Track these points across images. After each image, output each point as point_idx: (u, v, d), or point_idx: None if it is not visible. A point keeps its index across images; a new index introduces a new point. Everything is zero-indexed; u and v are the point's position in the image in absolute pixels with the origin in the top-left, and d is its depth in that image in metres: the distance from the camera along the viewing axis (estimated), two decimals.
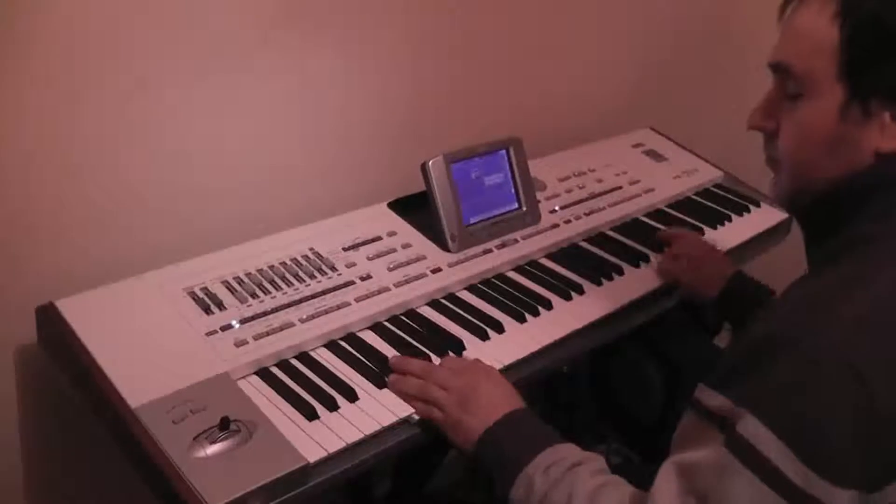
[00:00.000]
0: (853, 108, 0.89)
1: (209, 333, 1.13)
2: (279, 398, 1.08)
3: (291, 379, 1.12)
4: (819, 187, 0.95)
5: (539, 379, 1.27)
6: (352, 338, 1.22)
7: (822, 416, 0.77)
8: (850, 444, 0.77)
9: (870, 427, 0.77)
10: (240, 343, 1.13)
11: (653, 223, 1.67)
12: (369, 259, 1.34)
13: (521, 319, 1.30)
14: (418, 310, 1.30)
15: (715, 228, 1.69)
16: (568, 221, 1.58)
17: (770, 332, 0.83)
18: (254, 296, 1.21)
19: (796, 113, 0.94)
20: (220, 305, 1.18)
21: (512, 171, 1.51)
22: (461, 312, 1.30)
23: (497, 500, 1.01)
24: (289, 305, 1.21)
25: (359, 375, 1.14)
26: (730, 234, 1.68)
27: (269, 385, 1.10)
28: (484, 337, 1.25)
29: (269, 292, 1.22)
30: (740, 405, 0.81)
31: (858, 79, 0.89)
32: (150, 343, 1.10)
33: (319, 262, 1.30)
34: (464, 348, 1.22)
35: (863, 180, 0.91)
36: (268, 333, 1.16)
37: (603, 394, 1.76)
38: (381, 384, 1.13)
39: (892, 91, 0.88)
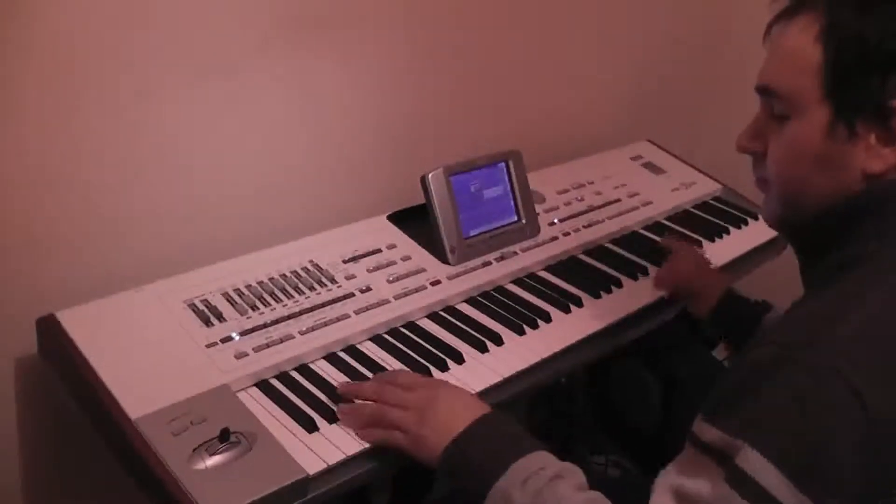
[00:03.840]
0: (838, 127, 0.90)
1: (209, 345, 1.14)
2: (279, 410, 1.08)
3: (291, 391, 1.12)
4: (809, 208, 0.96)
5: (538, 391, 1.27)
6: (351, 350, 1.22)
7: (820, 442, 0.77)
8: (850, 467, 0.77)
9: (869, 447, 0.77)
10: (240, 355, 1.13)
11: (651, 236, 1.67)
12: (369, 271, 1.34)
13: (521, 332, 1.31)
14: (418, 322, 1.31)
15: (713, 241, 1.70)
16: (567, 234, 1.58)
17: (766, 356, 0.83)
18: (254, 308, 1.21)
19: (784, 134, 0.95)
20: (220, 317, 1.18)
21: (511, 184, 1.52)
22: (460, 325, 1.31)
23: None
24: (289, 317, 1.21)
25: None
26: (728, 246, 1.69)
27: (269, 397, 1.10)
28: (483, 349, 1.25)
29: (269, 304, 1.23)
30: (737, 436, 0.80)
31: (842, 98, 0.90)
32: (151, 355, 1.10)
33: (319, 274, 1.30)
34: (463, 361, 1.22)
35: (856, 203, 0.92)
36: (268, 345, 1.16)
37: (601, 405, 1.76)
38: None
39: (876, 111, 0.89)
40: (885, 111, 0.88)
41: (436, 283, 1.36)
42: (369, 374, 1.16)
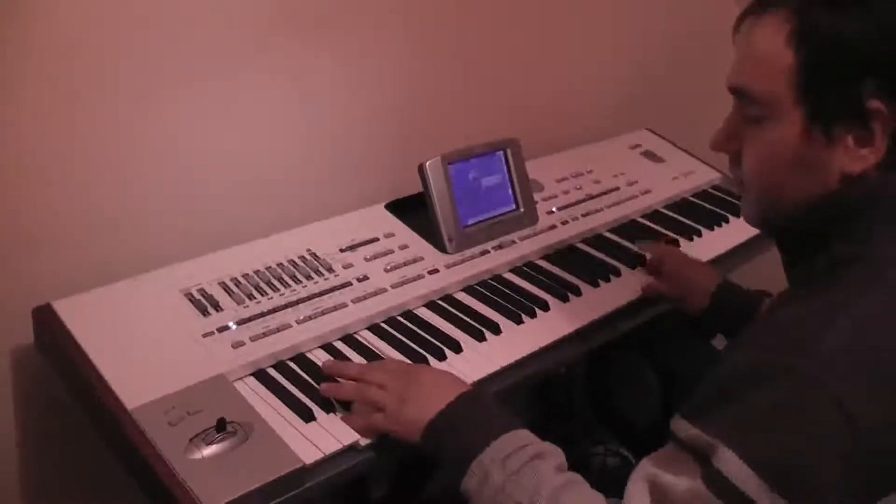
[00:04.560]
0: (815, 131, 0.88)
1: (206, 335, 1.13)
2: (276, 400, 1.08)
3: (288, 380, 1.12)
4: (788, 209, 0.94)
5: (536, 381, 1.27)
6: (349, 339, 1.22)
7: (801, 451, 0.77)
8: (834, 476, 0.76)
9: (856, 458, 0.76)
10: (236, 345, 1.13)
11: (650, 224, 1.67)
12: (366, 260, 1.34)
13: (518, 321, 1.30)
14: (415, 311, 1.30)
15: (712, 230, 1.69)
16: (565, 223, 1.58)
17: (751, 361, 0.82)
18: (251, 297, 1.21)
19: (759, 136, 0.93)
20: (217, 307, 1.18)
21: (509, 173, 1.51)
22: (458, 314, 1.30)
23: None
24: (286, 307, 1.21)
25: None
26: (726, 235, 1.68)
27: (266, 387, 1.10)
28: (481, 338, 1.25)
29: (266, 294, 1.22)
30: (715, 437, 0.80)
31: (818, 102, 0.87)
32: (147, 345, 1.10)
33: (316, 263, 1.30)
34: (461, 350, 1.22)
35: (837, 204, 0.90)
36: (264, 335, 1.16)
37: (600, 397, 1.75)
38: None
39: (852, 114, 0.86)
40: (864, 113, 0.86)
41: (433, 271, 1.36)
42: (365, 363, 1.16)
